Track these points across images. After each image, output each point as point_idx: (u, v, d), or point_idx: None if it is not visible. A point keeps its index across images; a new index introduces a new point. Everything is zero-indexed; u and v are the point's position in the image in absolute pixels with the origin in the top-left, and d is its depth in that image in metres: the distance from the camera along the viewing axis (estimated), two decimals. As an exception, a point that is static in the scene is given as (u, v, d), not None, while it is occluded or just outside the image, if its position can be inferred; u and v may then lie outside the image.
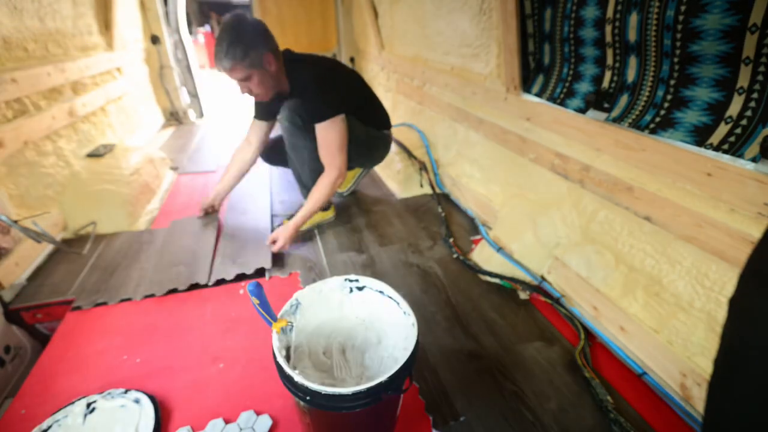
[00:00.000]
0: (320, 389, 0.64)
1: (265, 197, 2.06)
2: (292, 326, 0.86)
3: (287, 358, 0.84)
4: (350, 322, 0.95)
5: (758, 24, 0.81)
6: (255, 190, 2.14)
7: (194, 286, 1.38)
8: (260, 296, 0.74)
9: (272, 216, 1.88)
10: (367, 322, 0.94)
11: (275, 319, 0.78)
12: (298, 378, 0.66)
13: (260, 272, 1.46)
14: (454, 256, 1.57)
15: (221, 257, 1.52)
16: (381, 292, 0.89)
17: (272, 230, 1.71)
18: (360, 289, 0.91)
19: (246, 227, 1.76)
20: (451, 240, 1.66)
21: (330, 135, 1.47)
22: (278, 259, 1.54)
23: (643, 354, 1.05)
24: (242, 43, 1.29)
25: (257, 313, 0.76)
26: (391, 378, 0.67)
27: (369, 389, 0.65)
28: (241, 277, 1.42)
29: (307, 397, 0.66)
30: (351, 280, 0.91)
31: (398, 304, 0.85)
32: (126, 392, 0.97)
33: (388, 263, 1.55)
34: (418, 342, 0.75)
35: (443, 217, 1.83)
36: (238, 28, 1.30)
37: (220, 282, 1.40)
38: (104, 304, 1.30)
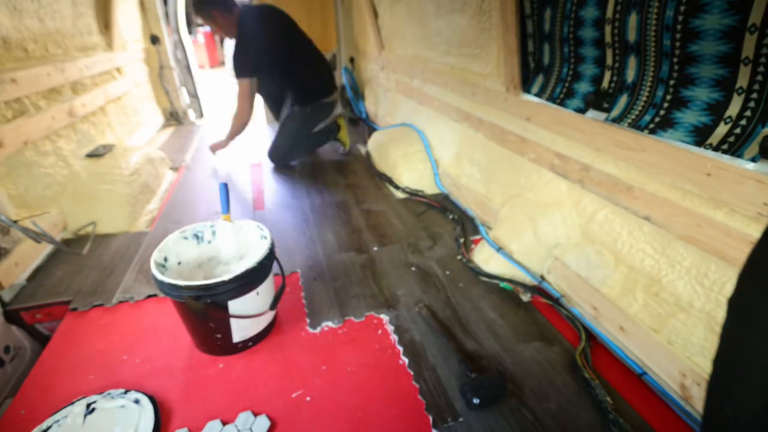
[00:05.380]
0: (163, 279, 0.96)
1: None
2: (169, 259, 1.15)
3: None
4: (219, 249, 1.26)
5: (757, 24, 0.81)
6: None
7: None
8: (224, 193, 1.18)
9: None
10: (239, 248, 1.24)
11: (227, 212, 1.19)
12: (159, 276, 0.97)
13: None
14: (458, 257, 1.57)
15: None
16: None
17: None
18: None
19: None
20: (462, 241, 1.65)
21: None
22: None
23: (643, 354, 1.05)
24: None
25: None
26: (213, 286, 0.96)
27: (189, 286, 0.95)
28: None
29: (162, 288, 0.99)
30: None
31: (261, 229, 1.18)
32: (126, 392, 0.97)
33: (388, 263, 1.55)
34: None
35: (457, 219, 1.83)
36: None
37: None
38: (102, 305, 1.30)
